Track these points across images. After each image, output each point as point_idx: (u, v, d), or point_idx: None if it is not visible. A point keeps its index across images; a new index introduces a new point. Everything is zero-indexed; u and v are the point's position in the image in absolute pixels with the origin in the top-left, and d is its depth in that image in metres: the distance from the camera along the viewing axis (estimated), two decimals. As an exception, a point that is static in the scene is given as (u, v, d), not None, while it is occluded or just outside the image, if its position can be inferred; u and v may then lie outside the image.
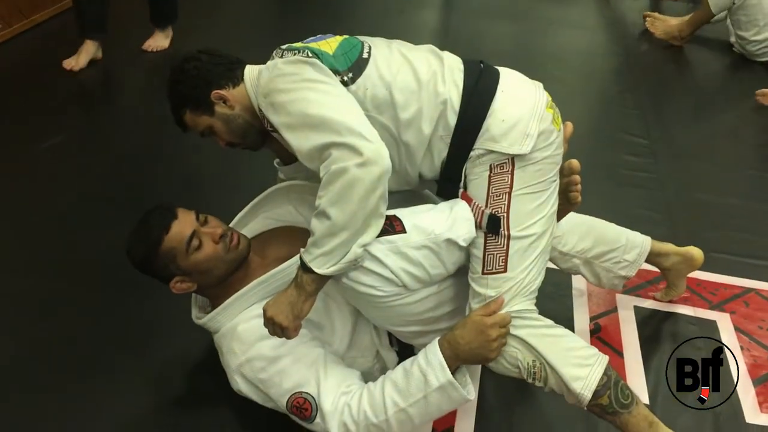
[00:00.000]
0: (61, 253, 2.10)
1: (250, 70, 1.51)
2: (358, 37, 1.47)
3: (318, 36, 1.46)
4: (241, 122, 1.51)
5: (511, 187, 1.35)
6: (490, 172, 1.36)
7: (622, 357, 1.77)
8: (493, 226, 1.35)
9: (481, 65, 1.44)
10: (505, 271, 1.35)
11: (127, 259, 1.46)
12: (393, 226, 1.30)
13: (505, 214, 1.35)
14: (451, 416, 1.56)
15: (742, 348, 1.80)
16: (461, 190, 1.41)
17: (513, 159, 1.35)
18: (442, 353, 1.32)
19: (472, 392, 1.36)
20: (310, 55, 1.36)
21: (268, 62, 1.44)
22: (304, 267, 1.26)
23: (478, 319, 1.33)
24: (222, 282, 1.48)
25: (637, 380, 1.69)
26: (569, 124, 1.53)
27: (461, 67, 1.42)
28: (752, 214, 2.41)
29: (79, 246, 2.12)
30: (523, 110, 1.37)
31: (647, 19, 3.85)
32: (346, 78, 1.36)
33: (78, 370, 1.69)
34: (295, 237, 1.57)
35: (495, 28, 3.90)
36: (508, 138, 1.34)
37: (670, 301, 1.95)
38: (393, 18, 4.02)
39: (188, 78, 1.50)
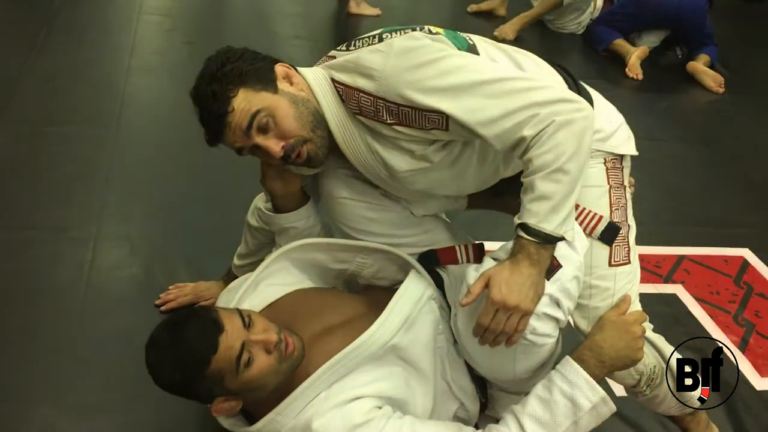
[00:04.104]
0: None
1: (306, 71, 1.24)
2: None
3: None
4: (311, 107, 1.21)
5: (622, 182, 1.30)
6: (605, 164, 1.28)
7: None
8: (609, 234, 1.25)
9: None
10: (629, 262, 1.27)
11: (152, 378, 1.13)
12: (551, 261, 1.11)
13: (624, 205, 1.28)
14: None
15: (711, 317, 1.92)
16: None
17: (621, 158, 1.31)
18: (585, 363, 1.17)
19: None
20: (432, 31, 1.19)
21: (366, 51, 1.16)
22: (546, 239, 1.07)
23: (618, 318, 1.23)
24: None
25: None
26: None
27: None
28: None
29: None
30: (618, 114, 1.33)
31: (496, 33, 3.64)
32: None
33: None
34: (315, 304, 1.32)
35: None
36: (617, 138, 1.29)
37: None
38: None
39: (242, 53, 1.20)
